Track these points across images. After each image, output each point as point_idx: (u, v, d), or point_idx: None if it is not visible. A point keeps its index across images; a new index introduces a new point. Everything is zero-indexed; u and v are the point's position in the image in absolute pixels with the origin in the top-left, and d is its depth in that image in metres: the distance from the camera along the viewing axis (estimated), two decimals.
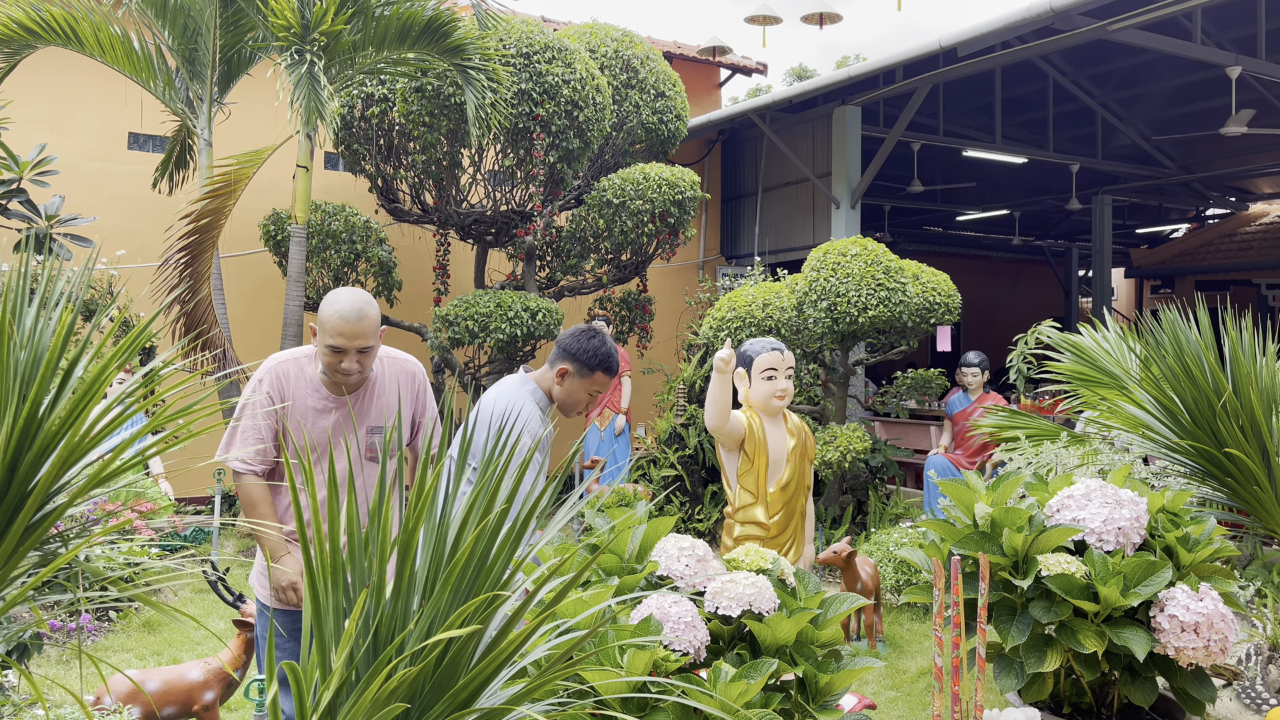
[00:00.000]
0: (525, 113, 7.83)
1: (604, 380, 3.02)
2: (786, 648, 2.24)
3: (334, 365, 2.76)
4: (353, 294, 2.78)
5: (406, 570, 1.33)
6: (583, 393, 3.02)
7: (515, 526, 1.42)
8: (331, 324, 2.72)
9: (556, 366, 3.02)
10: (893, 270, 6.79)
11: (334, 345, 2.73)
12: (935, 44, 8.08)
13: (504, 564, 1.41)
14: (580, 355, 2.99)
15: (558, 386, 3.02)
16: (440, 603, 1.30)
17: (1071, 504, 2.75)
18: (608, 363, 3.01)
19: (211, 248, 7.11)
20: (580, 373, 2.99)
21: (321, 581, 1.38)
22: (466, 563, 1.35)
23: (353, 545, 1.38)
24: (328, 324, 2.73)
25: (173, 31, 7.40)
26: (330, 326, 2.73)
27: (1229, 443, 3.18)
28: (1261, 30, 9.32)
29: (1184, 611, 2.48)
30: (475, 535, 1.28)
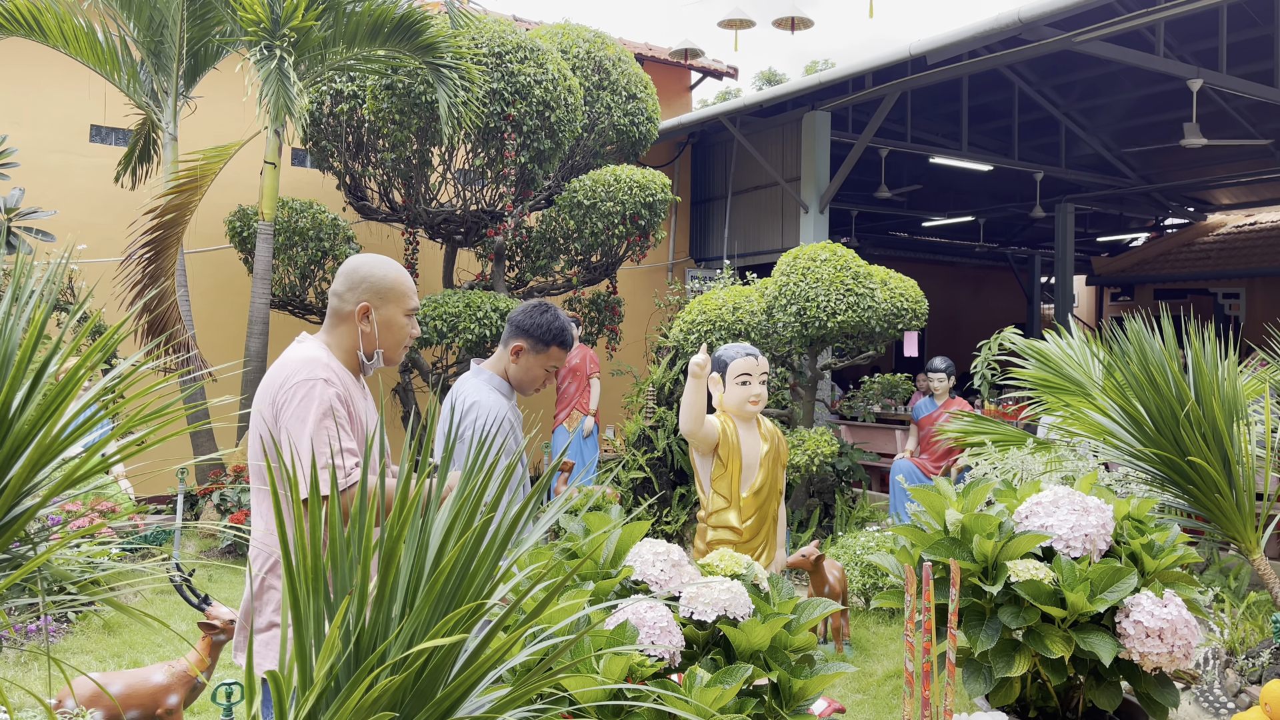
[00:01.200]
0: (497, 112, 7.80)
1: (559, 355, 2.97)
2: (761, 653, 2.25)
3: (408, 335, 2.47)
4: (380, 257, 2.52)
5: (389, 578, 1.32)
6: (539, 369, 2.96)
7: (499, 535, 1.42)
8: (406, 283, 2.44)
9: (510, 344, 2.97)
10: (861, 276, 6.84)
11: (414, 307, 2.47)
12: (905, 51, 8.17)
13: (487, 573, 1.41)
14: (534, 331, 2.94)
15: (513, 365, 2.96)
16: (423, 612, 1.30)
17: (1040, 510, 2.79)
18: (562, 336, 2.96)
19: (176, 243, 7.01)
20: (535, 349, 2.94)
21: (303, 588, 1.37)
22: (450, 572, 1.34)
23: (334, 551, 1.37)
24: (403, 285, 2.43)
25: (138, 24, 7.29)
26: (407, 286, 2.43)
27: (1192, 451, 3.25)
28: (1223, 44, 9.51)
29: (1149, 617, 2.52)
30: (459, 546, 1.28)
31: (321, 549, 1.38)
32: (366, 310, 2.38)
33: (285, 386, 2.25)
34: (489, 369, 3.01)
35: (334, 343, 2.41)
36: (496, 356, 3.03)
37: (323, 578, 1.38)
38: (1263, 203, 15.84)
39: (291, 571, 1.37)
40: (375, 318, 2.39)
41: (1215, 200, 16.50)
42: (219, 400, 7.24)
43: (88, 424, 2.09)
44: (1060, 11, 7.33)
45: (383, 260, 2.43)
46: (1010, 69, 11.96)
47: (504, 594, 1.59)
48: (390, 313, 2.41)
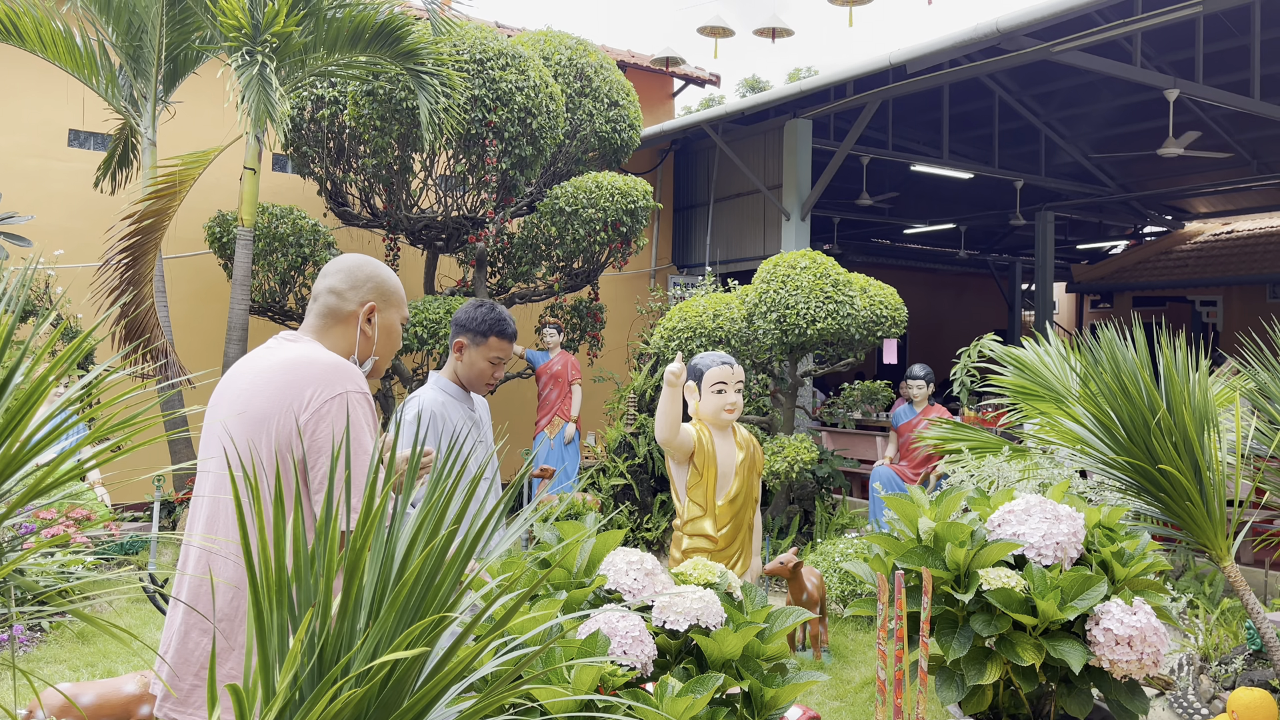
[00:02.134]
0: (478, 119, 7.80)
1: (499, 345, 3.05)
2: (733, 661, 2.26)
3: (399, 345, 2.42)
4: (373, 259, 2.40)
5: (354, 589, 1.32)
6: (482, 361, 3.05)
7: (465, 544, 1.42)
8: (402, 290, 2.33)
9: (455, 341, 3.07)
10: (841, 283, 6.87)
11: (408, 317, 2.35)
12: (885, 60, 8.22)
13: (453, 582, 1.41)
14: (470, 324, 3.04)
15: (459, 364, 3.06)
16: (386, 623, 1.30)
17: (1012, 519, 2.81)
18: (500, 326, 3.04)
19: (154, 249, 6.97)
20: (474, 341, 3.04)
21: (266, 600, 1.37)
22: (415, 582, 1.34)
23: (298, 563, 1.36)
24: (400, 291, 2.31)
25: (117, 28, 7.25)
26: (403, 294, 2.32)
27: (1163, 459, 3.28)
28: (1199, 54, 9.61)
29: (1118, 625, 2.54)
30: (423, 556, 1.28)
31: (286, 560, 1.38)
32: (372, 311, 2.21)
33: (328, 394, 1.99)
34: (443, 375, 3.12)
35: (329, 345, 2.19)
36: (446, 363, 3.14)
37: (287, 590, 1.38)
38: (1240, 211, 16.01)
39: (256, 583, 1.36)
40: (379, 320, 2.22)
41: (1193, 209, 16.66)
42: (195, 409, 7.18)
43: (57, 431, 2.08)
44: (1038, 22, 7.40)
45: (380, 262, 2.29)
46: (990, 78, 12.05)
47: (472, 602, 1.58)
48: (392, 317, 2.26)
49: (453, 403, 3.06)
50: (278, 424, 1.98)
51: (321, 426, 1.97)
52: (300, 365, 2.04)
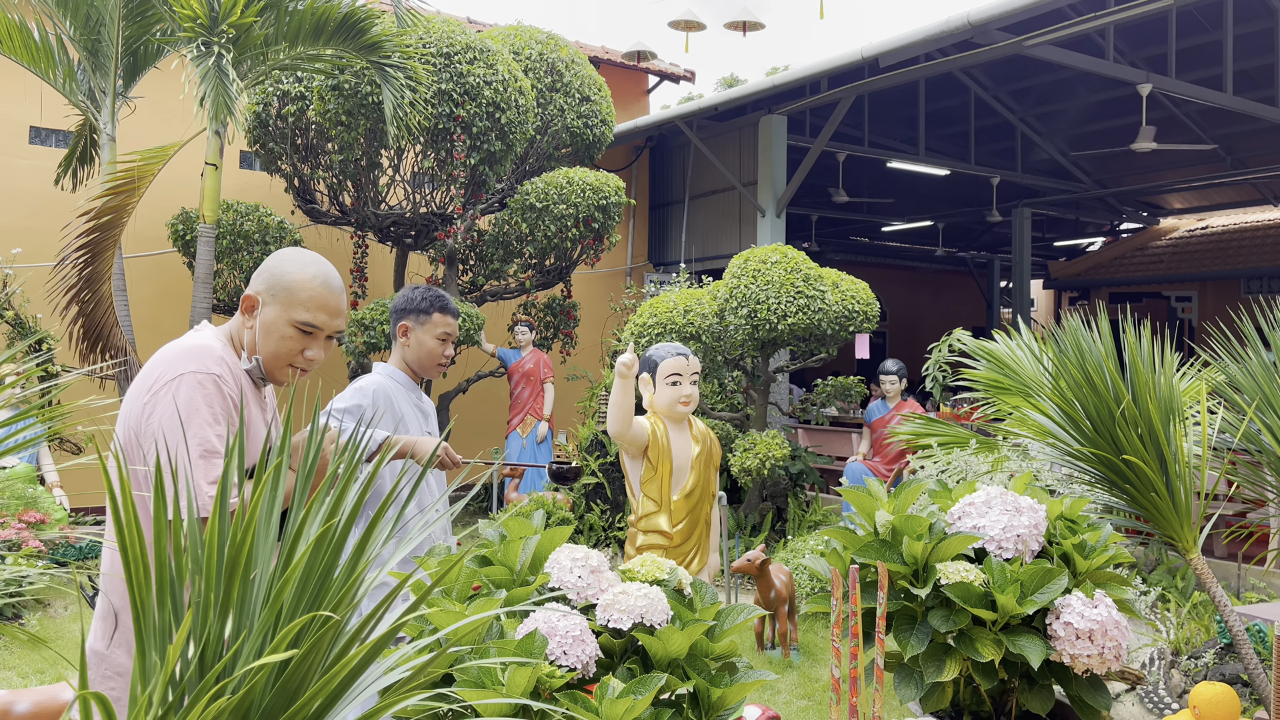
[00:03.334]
0: (445, 113, 7.69)
1: (443, 320, 3.02)
2: (679, 661, 2.17)
3: (294, 353, 2.03)
4: (317, 257, 2.11)
5: (235, 587, 1.22)
6: (430, 339, 3.01)
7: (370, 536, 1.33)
8: (312, 292, 2.01)
9: (398, 327, 3.04)
10: (812, 278, 6.80)
11: (309, 322, 2.01)
12: (858, 54, 8.16)
13: (343, 580, 1.31)
14: (411, 305, 3.02)
15: (408, 349, 3.03)
16: (269, 622, 1.20)
17: (972, 511, 2.74)
18: (441, 301, 3.03)
19: (113, 246, 6.82)
20: (418, 321, 3.01)
21: (146, 601, 1.27)
22: (305, 577, 1.25)
23: (179, 561, 1.27)
24: (305, 292, 2.01)
25: (74, 21, 7.10)
26: (309, 295, 2.01)
27: (1128, 450, 3.21)
28: (1172, 49, 9.61)
29: (1079, 619, 2.47)
30: (309, 547, 1.19)
31: (169, 560, 1.28)
32: (253, 304, 2.03)
33: (167, 377, 1.88)
34: (389, 365, 3.07)
35: (233, 335, 2.08)
36: (392, 352, 3.09)
37: (167, 590, 1.28)
38: (1214, 207, 16.07)
39: (135, 584, 1.27)
40: (261, 316, 2.02)
41: (1168, 205, 16.72)
42: None
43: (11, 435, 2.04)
44: (1009, 14, 7.36)
45: (308, 259, 2.06)
46: (966, 74, 12.03)
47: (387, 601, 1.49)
48: (275, 316, 2.01)
49: (401, 390, 3.01)
50: (128, 413, 1.94)
51: (155, 411, 1.86)
52: (160, 351, 1.99)
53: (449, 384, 9.77)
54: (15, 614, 5.35)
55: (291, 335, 2.02)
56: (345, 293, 2.11)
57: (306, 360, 2.06)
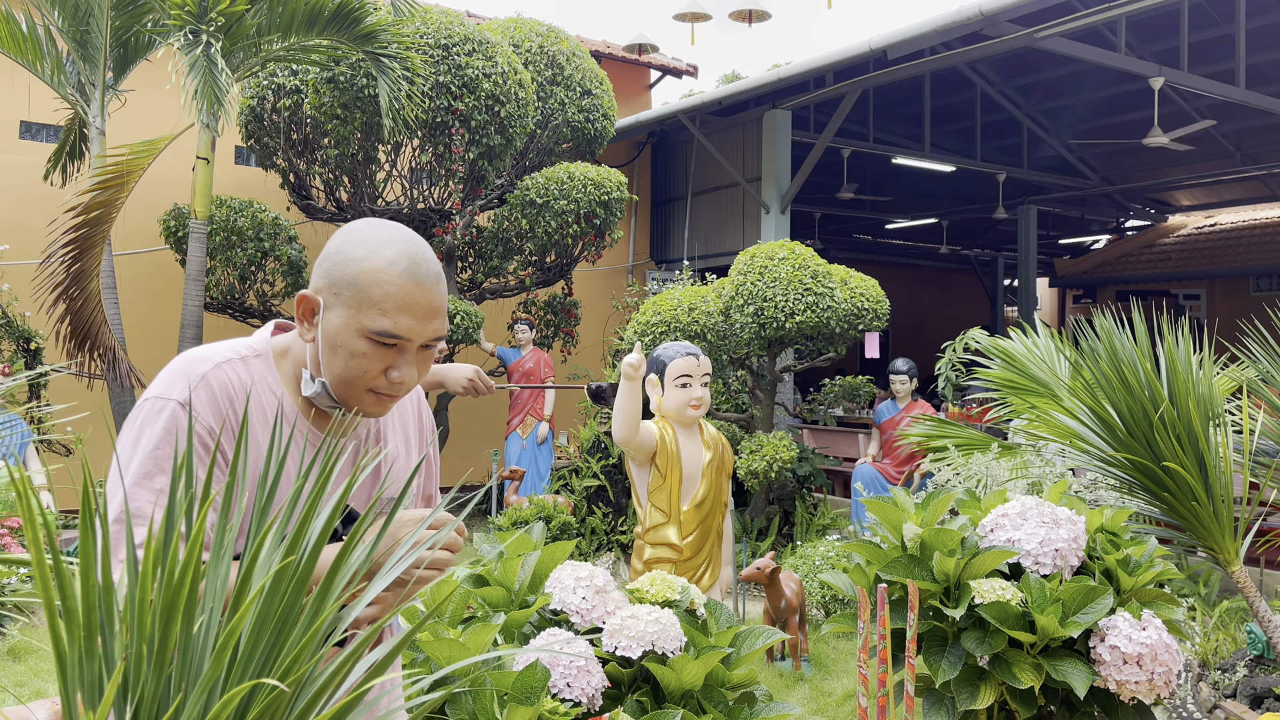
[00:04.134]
0: (443, 106, 7.49)
1: None
2: (694, 692, 1.98)
3: (371, 374, 1.40)
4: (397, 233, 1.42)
5: (172, 636, 1.03)
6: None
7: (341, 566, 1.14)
8: (390, 285, 1.36)
9: None
10: (820, 275, 6.61)
11: (388, 331, 1.36)
12: (865, 45, 7.97)
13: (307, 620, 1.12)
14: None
15: None
16: (212, 679, 1.01)
17: (1006, 523, 2.54)
18: None
19: (101, 242, 6.63)
20: None
21: (73, 654, 1.08)
22: (259, 622, 1.05)
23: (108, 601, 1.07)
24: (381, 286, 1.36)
25: (63, 12, 6.90)
26: (387, 292, 1.36)
27: (1166, 456, 3.02)
28: (1184, 43, 9.41)
29: (1126, 642, 2.28)
30: (261, 587, 0.99)
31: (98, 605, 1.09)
32: (311, 305, 1.41)
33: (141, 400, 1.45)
34: None
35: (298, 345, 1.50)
36: None
37: (97, 634, 1.09)
38: (1223, 204, 15.87)
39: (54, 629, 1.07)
40: (322, 321, 1.40)
41: (1176, 201, 16.52)
42: None
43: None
44: (1021, 5, 7.16)
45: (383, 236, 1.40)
46: (972, 69, 11.84)
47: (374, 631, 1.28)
48: (342, 322, 1.38)
49: None
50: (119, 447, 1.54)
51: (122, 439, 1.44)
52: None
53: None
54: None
55: (365, 350, 1.37)
56: (442, 280, 1.41)
57: (392, 383, 1.40)
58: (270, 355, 1.50)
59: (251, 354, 1.48)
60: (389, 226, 1.42)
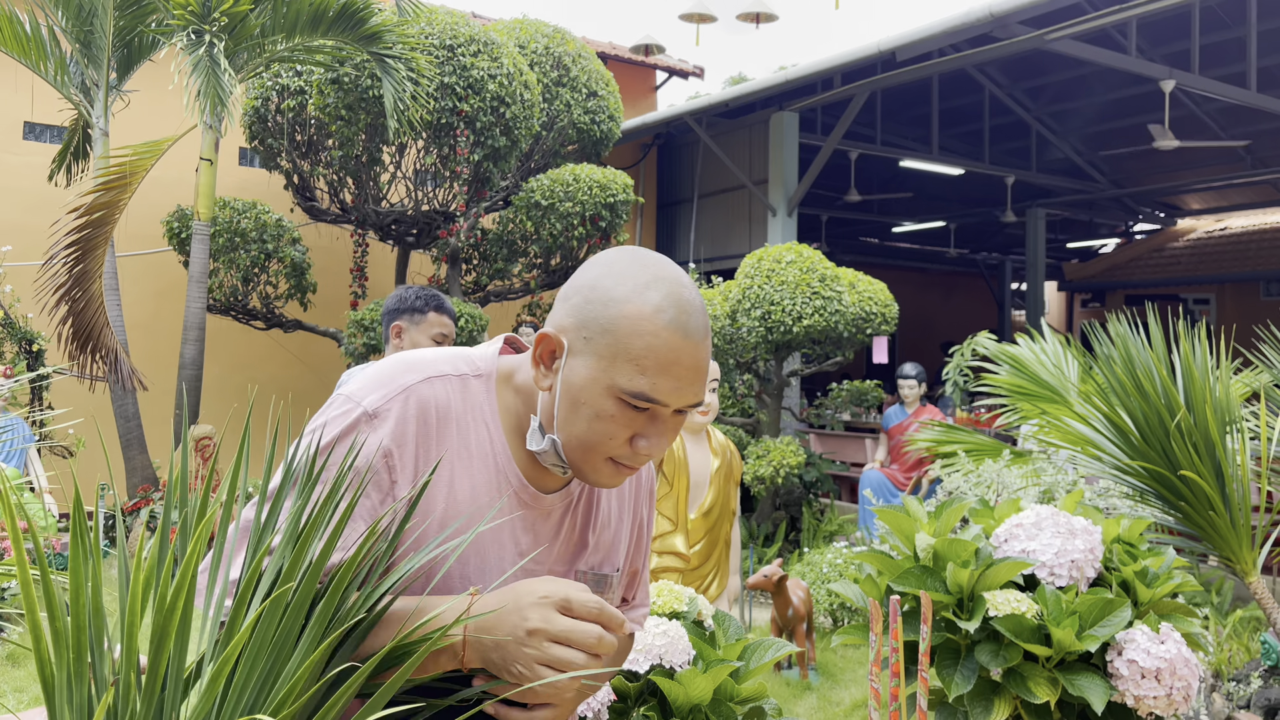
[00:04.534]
0: (448, 108, 7.45)
1: (439, 320, 2.93)
2: (701, 707, 1.93)
3: (615, 440, 1.15)
4: (664, 271, 1.16)
5: (163, 662, 0.98)
6: (425, 340, 2.93)
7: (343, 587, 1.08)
8: (655, 338, 1.11)
9: (391, 328, 2.94)
10: (828, 278, 6.56)
11: (645, 394, 1.11)
12: (874, 47, 7.91)
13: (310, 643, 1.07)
14: (404, 305, 2.93)
15: (402, 349, 2.92)
16: (205, 709, 0.96)
17: (1020, 533, 2.48)
18: (437, 300, 2.94)
19: (104, 244, 6.60)
20: (414, 320, 2.92)
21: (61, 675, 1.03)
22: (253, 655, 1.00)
23: (98, 623, 1.03)
24: (643, 338, 1.11)
25: (66, 12, 6.88)
26: (649, 345, 1.11)
27: (1183, 464, 2.96)
28: (1195, 46, 9.34)
29: (1144, 656, 2.22)
30: (255, 618, 0.94)
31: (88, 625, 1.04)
32: (552, 347, 1.16)
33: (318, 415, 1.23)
34: None
35: (522, 375, 1.24)
36: (387, 353, 2.99)
37: (86, 655, 1.04)
38: (1233, 207, 15.77)
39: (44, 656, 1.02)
40: (564, 367, 1.15)
41: (1186, 205, 16.43)
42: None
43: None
44: (1032, 7, 7.10)
45: (649, 275, 1.14)
46: (981, 71, 11.77)
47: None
48: (587, 371, 1.13)
49: None
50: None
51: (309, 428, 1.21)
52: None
53: None
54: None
55: (613, 412, 1.12)
56: (710, 334, 1.16)
57: (637, 453, 1.14)
58: (494, 379, 1.24)
59: (472, 373, 1.23)
60: (655, 262, 1.15)
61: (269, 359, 9.30)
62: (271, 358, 9.29)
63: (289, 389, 9.42)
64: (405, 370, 1.21)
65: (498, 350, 1.28)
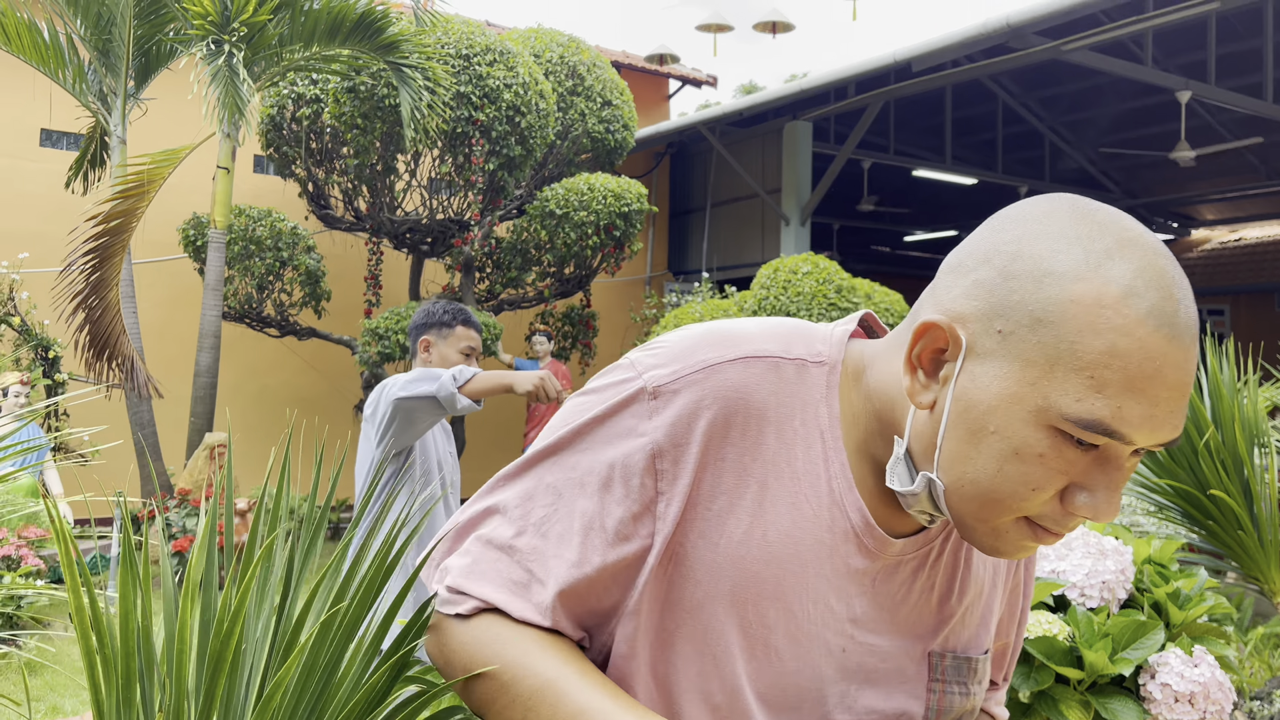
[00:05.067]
0: (464, 117, 7.46)
1: (467, 333, 2.98)
2: None
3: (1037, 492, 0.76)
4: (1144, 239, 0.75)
5: (220, 686, 0.97)
6: (454, 353, 2.97)
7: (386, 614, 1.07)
8: (1125, 339, 0.71)
9: (419, 342, 2.98)
10: (845, 289, 6.54)
11: (1101, 424, 0.72)
12: (890, 57, 7.91)
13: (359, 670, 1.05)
14: (432, 320, 2.97)
15: (430, 364, 2.97)
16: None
17: (1050, 553, 2.46)
18: (464, 314, 2.99)
19: (121, 251, 6.62)
20: (442, 335, 2.96)
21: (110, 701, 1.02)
22: (304, 676, 0.99)
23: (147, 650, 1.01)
24: (1103, 336, 0.71)
25: (85, 20, 6.91)
26: (1115, 347, 0.71)
27: (1211, 482, 2.94)
28: (1211, 56, 9.32)
29: (1178, 680, 2.20)
30: (307, 640, 0.93)
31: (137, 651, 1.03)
32: (941, 344, 0.79)
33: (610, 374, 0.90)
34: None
35: (876, 373, 0.87)
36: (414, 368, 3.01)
37: (135, 685, 1.03)
38: (1248, 218, 15.71)
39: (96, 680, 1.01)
40: (958, 372, 0.78)
41: (1200, 216, 16.37)
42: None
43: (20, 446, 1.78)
44: (1050, 17, 7.09)
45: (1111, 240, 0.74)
46: (994, 81, 11.76)
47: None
48: (1004, 382, 0.75)
49: None
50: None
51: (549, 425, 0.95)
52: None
53: None
54: (12, 637, 5.13)
55: (1043, 449, 0.75)
56: (1198, 335, 0.76)
57: (1070, 515, 0.78)
58: (838, 371, 0.88)
59: (811, 358, 0.88)
60: (1113, 220, 0.76)
61: (281, 366, 9.31)
62: (284, 364, 9.31)
63: (302, 396, 9.44)
64: (714, 342, 0.86)
65: (847, 332, 0.91)
